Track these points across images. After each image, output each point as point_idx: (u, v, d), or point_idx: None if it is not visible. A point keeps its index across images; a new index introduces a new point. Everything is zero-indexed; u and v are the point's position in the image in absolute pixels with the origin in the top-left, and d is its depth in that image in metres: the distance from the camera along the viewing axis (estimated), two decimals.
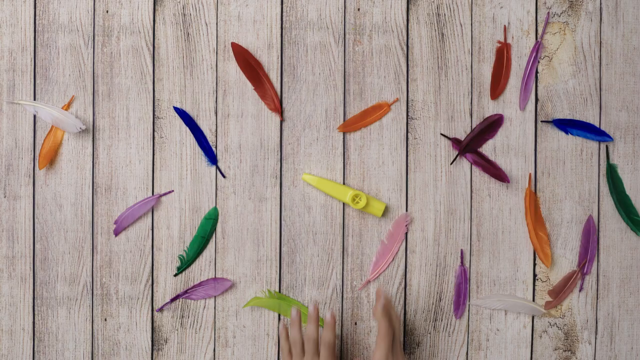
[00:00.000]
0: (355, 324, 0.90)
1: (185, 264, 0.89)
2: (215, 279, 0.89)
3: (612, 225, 0.91)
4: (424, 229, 0.91)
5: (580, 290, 0.91)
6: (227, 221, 0.90)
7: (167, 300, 0.89)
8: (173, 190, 0.87)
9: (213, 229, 0.89)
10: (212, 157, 0.88)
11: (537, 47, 0.90)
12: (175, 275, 0.89)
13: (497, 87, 0.90)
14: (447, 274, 0.91)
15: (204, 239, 0.88)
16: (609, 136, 0.90)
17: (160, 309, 0.88)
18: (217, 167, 0.86)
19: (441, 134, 0.88)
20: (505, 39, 0.90)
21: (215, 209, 0.89)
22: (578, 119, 0.91)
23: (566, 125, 0.90)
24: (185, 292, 0.89)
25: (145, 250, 0.89)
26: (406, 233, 0.90)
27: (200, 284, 0.89)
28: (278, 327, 0.89)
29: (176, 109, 0.87)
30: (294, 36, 0.90)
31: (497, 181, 0.91)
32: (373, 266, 0.90)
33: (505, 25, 0.90)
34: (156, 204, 0.89)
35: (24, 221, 0.89)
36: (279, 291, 0.90)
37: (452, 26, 0.91)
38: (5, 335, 0.89)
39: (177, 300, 0.89)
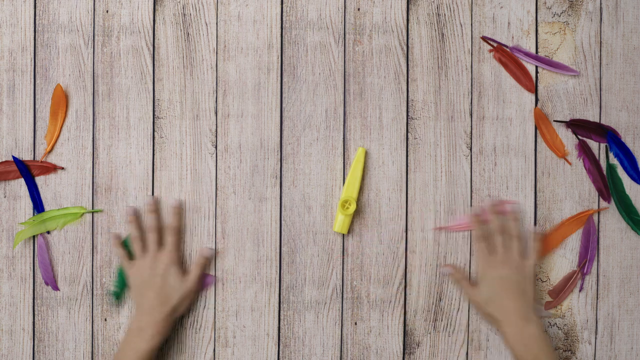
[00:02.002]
0: (355, 324, 0.90)
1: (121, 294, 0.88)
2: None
3: (612, 225, 0.91)
4: (424, 229, 0.91)
5: (580, 290, 0.91)
6: (227, 221, 0.90)
7: None
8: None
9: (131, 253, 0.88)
10: (40, 206, 0.87)
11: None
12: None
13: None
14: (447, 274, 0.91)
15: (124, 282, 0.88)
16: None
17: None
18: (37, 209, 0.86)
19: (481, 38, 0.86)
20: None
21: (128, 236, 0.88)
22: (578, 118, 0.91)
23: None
24: None
25: None
26: (406, 233, 0.90)
27: None
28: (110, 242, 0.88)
29: (14, 159, 0.86)
30: (294, 36, 0.90)
31: (497, 181, 0.91)
32: (456, 221, 0.89)
33: (483, 37, 0.90)
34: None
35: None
36: (279, 291, 0.90)
37: (452, 26, 0.91)
38: (5, 335, 0.89)
39: None
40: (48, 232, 0.88)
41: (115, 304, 0.87)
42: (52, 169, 0.88)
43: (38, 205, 0.88)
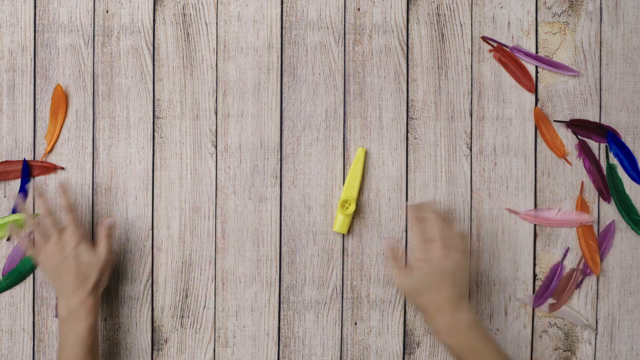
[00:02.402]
0: (355, 324, 0.90)
1: None
2: None
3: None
4: None
5: (578, 288, 0.91)
6: (227, 221, 0.90)
7: (167, 300, 0.89)
8: None
9: (32, 269, 0.88)
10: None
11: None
12: None
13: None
14: None
15: (21, 275, 0.88)
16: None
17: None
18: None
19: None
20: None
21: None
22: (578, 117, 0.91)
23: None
24: None
25: (145, 250, 0.89)
26: (406, 233, 0.90)
27: None
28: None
29: (25, 162, 0.87)
30: (294, 36, 0.90)
31: (497, 181, 0.91)
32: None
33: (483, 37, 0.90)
34: (156, 203, 0.89)
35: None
36: (279, 291, 0.90)
37: (452, 26, 0.91)
38: (5, 335, 0.89)
39: (177, 300, 0.89)
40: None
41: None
42: (52, 169, 0.88)
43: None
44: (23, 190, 0.87)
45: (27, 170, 0.87)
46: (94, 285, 0.80)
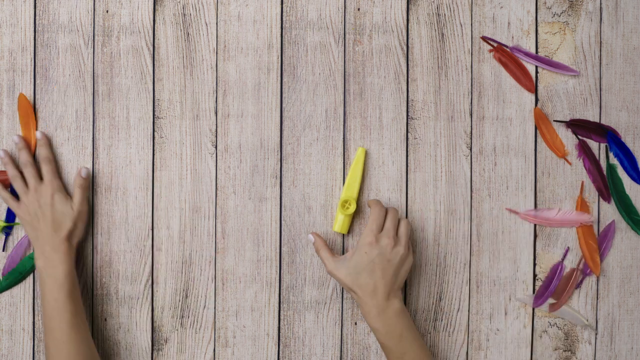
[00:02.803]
0: (355, 324, 0.90)
1: None
2: None
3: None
4: (424, 229, 0.91)
5: (578, 288, 0.91)
6: (227, 221, 0.90)
7: (167, 300, 0.89)
8: None
9: (32, 269, 0.88)
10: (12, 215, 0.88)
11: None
12: None
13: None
14: (447, 274, 0.91)
15: (20, 275, 0.88)
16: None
17: None
18: None
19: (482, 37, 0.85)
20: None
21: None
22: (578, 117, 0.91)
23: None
24: None
25: (145, 250, 0.89)
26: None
27: None
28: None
29: None
30: (294, 36, 0.90)
31: (497, 181, 0.91)
32: None
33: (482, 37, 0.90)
34: (156, 203, 0.89)
35: None
36: (279, 291, 0.90)
37: (452, 26, 0.91)
38: (5, 335, 0.89)
39: (177, 300, 0.89)
40: None
41: None
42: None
43: (12, 215, 0.88)
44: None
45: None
46: (67, 233, 0.83)
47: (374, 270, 0.80)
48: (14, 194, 0.86)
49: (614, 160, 0.91)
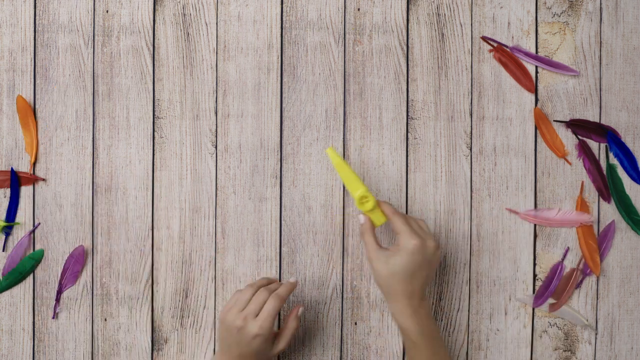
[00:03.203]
0: (355, 324, 0.90)
1: None
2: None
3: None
4: None
5: (578, 288, 0.91)
6: (227, 221, 0.90)
7: (167, 300, 0.89)
8: None
9: (32, 269, 0.88)
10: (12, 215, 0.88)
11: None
12: None
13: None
14: (447, 274, 0.91)
15: (20, 275, 0.88)
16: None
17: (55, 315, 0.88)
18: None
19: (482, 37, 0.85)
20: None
21: (41, 251, 0.88)
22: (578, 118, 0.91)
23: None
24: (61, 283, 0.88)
25: (145, 250, 0.89)
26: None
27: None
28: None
29: (12, 170, 0.87)
30: (294, 36, 0.90)
31: (497, 181, 0.91)
32: None
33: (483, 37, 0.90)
34: (156, 203, 0.89)
35: (24, 221, 0.89)
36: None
37: (452, 26, 0.91)
38: (5, 335, 0.89)
39: (177, 300, 0.89)
40: None
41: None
42: (33, 180, 0.88)
43: (12, 214, 0.88)
44: (14, 199, 0.88)
45: (16, 181, 0.87)
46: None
47: (415, 273, 0.78)
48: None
49: (614, 160, 0.91)
